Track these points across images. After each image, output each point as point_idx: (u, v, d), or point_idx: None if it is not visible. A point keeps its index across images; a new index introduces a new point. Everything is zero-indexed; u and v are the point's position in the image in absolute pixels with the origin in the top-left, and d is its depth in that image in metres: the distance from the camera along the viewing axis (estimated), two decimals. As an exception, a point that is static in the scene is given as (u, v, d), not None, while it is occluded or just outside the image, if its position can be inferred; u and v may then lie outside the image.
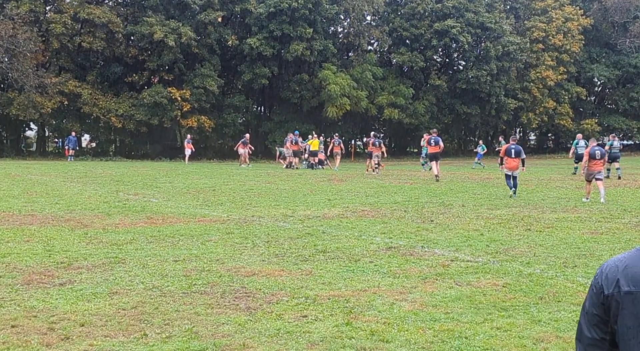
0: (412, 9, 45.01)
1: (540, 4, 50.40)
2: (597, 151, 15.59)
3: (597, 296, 1.95)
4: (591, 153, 15.64)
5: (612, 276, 1.93)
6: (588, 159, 15.53)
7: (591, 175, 15.52)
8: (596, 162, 15.44)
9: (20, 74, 34.95)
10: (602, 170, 15.78)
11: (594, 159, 15.44)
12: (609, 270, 1.95)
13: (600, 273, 1.98)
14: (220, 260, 7.80)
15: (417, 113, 44.51)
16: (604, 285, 1.93)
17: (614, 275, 1.92)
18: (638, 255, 1.91)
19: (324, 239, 9.35)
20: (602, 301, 1.93)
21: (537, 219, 11.65)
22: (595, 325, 1.96)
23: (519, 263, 7.70)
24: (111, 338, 4.90)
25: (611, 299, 1.91)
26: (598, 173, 15.50)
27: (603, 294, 1.93)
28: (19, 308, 5.68)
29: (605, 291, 1.93)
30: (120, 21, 38.21)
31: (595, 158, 15.42)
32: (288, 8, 38.75)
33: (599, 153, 15.54)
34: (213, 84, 39.00)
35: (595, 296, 1.96)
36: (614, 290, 1.90)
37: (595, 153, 15.53)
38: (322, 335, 4.97)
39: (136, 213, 12.14)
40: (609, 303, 1.92)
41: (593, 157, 15.48)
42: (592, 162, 15.48)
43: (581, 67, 52.29)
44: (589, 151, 15.80)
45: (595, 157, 15.43)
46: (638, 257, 1.91)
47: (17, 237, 9.39)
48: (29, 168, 27.09)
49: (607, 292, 1.92)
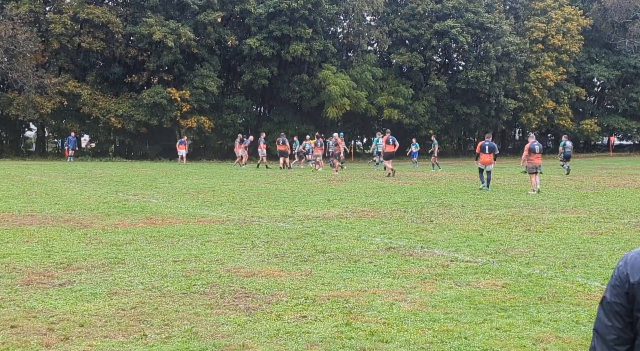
0: (411, 9, 45.02)
1: (540, 4, 50.42)
2: (537, 146, 17.34)
3: (622, 286, 2.00)
4: (531, 148, 17.20)
5: (638, 266, 1.97)
6: (528, 153, 17.07)
7: (533, 167, 17.02)
8: (537, 156, 17.15)
9: (20, 74, 34.95)
10: (541, 164, 17.45)
11: (534, 153, 17.12)
12: (634, 260, 2.00)
13: (625, 264, 2.02)
14: (219, 260, 7.80)
15: (417, 114, 44.51)
16: (630, 274, 1.98)
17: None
18: None
19: (324, 239, 9.35)
20: (627, 290, 1.98)
21: (537, 219, 11.65)
22: (617, 314, 2.00)
23: (519, 263, 7.70)
24: (110, 339, 4.90)
25: (637, 287, 1.96)
26: (539, 166, 17.20)
27: (629, 282, 1.98)
28: (19, 308, 5.68)
29: (631, 279, 1.98)
30: (120, 21, 38.20)
31: (535, 152, 17.15)
32: (287, 8, 38.75)
33: (538, 148, 17.31)
34: (213, 85, 39.00)
35: (620, 285, 2.01)
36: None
37: (535, 148, 17.23)
38: (321, 336, 4.97)
39: (135, 214, 12.14)
40: (634, 292, 1.97)
41: (533, 151, 17.13)
42: (533, 155, 17.10)
43: (581, 67, 52.30)
44: (529, 146, 17.26)
45: (535, 151, 17.17)
46: None
47: (16, 238, 9.39)
48: (28, 168, 27.09)
49: (632, 280, 1.97)
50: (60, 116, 39.37)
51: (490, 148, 18.00)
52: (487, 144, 18.14)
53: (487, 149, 17.95)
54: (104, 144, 42.53)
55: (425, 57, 45.68)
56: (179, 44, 37.55)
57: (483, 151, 18.08)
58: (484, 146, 18.17)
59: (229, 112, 41.81)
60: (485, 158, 17.89)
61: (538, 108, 49.92)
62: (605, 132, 55.65)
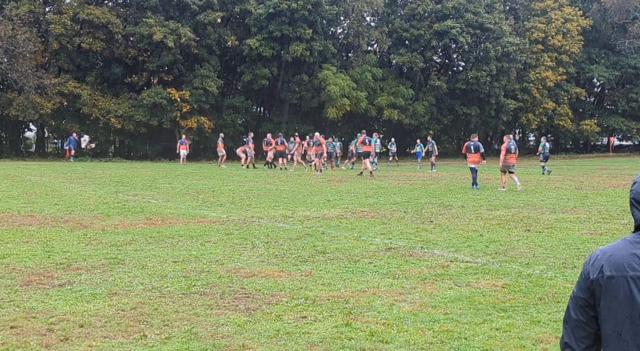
0: (411, 9, 45.03)
1: (540, 4, 50.44)
2: (512, 146, 18.12)
3: (585, 282, 2.14)
4: (507, 147, 17.99)
5: (598, 263, 2.11)
6: (505, 153, 17.90)
7: (507, 166, 17.91)
8: (511, 155, 17.98)
9: (20, 75, 34.95)
10: (515, 163, 18.27)
11: (510, 153, 17.96)
12: (595, 257, 2.14)
13: (588, 261, 2.17)
14: (219, 261, 7.79)
15: (417, 114, 44.52)
16: (590, 271, 2.13)
17: (599, 262, 2.11)
18: (622, 244, 2.10)
19: (324, 240, 9.35)
20: (588, 285, 2.12)
21: (537, 220, 11.65)
22: (581, 308, 2.15)
23: (519, 264, 7.70)
24: (110, 339, 4.89)
25: (595, 283, 2.10)
26: (513, 166, 18.01)
27: (589, 279, 2.12)
28: (18, 309, 5.68)
29: (591, 276, 2.12)
30: (120, 22, 38.21)
31: (510, 152, 17.98)
32: (287, 9, 38.76)
33: (513, 148, 18.11)
34: (212, 85, 39.00)
35: (583, 281, 2.15)
36: (598, 275, 2.09)
37: (511, 148, 18.02)
38: (321, 336, 4.97)
39: (135, 214, 12.14)
40: (593, 288, 2.11)
41: (509, 151, 17.97)
42: (509, 155, 17.92)
43: (580, 67, 52.32)
44: (505, 146, 18.03)
45: (511, 151, 17.99)
46: (621, 246, 2.09)
47: (16, 238, 9.38)
48: (28, 169, 27.09)
49: (592, 277, 2.11)
50: (60, 116, 39.38)
51: (475, 147, 18.72)
52: (472, 144, 18.86)
53: (473, 149, 18.74)
54: (104, 145, 42.54)
55: (425, 57, 45.69)
56: (179, 45, 37.57)
57: (469, 151, 18.88)
58: (469, 146, 18.94)
59: (229, 112, 41.82)
60: (472, 157, 18.66)
61: (538, 108, 49.95)
62: (605, 132, 55.68)
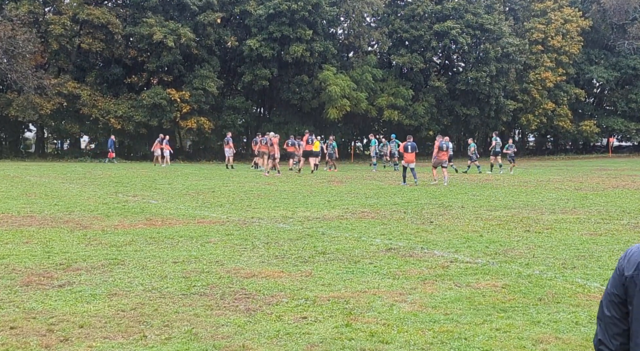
0: (411, 10, 45.04)
1: (540, 5, 50.45)
2: (444, 145, 20.63)
3: (619, 278, 2.12)
4: (441, 146, 20.37)
5: (634, 260, 2.09)
6: (437, 151, 20.23)
7: (439, 163, 20.31)
8: (443, 153, 20.40)
9: (20, 75, 34.94)
10: (446, 160, 20.70)
11: (442, 151, 20.37)
12: (632, 254, 2.12)
13: (624, 257, 2.15)
14: (219, 261, 7.79)
15: (417, 115, 44.53)
16: (625, 268, 2.11)
17: (636, 259, 2.09)
18: None
19: (324, 240, 9.35)
20: (623, 282, 2.10)
21: (536, 220, 11.65)
22: (614, 304, 2.13)
23: (518, 264, 7.70)
24: (110, 340, 4.89)
25: (630, 281, 2.08)
26: (444, 162, 20.43)
27: (624, 275, 2.10)
28: (18, 309, 5.67)
29: (626, 272, 2.10)
30: (120, 22, 38.21)
31: (442, 150, 20.33)
32: (288, 10, 38.77)
33: (445, 146, 20.63)
34: (212, 85, 39.00)
35: (618, 277, 2.13)
36: (634, 272, 2.07)
37: (443, 146, 20.45)
38: (321, 337, 4.97)
39: (135, 215, 12.14)
40: (627, 284, 2.09)
41: (441, 149, 20.37)
42: (441, 153, 20.27)
43: (580, 68, 52.32)
44: (438, 145, 20.41)
45: (443, 149, 20.39)
46: None
47: (16, 238, 9.38)
48: (27, 169, 27.08)
49: (627, 274, 2.09)
50: (59, 117, 39.37)
51: (412, 148, 20.38)
52: (408, 145, 20.43)
53: (410, 149, 20.33)
54: (104, 145, 42.51)
55: (425, 58, 45.70)
56: (178, 45, 37.56)
57: (406, 151, 20.45)
58: (406, 146, 20.48)
59: (229, 113, 41.82)
60: (408, 157, 20.27)
61: (537, 109, 49.95)
62: (604, 133, 55.66)
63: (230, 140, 31.44)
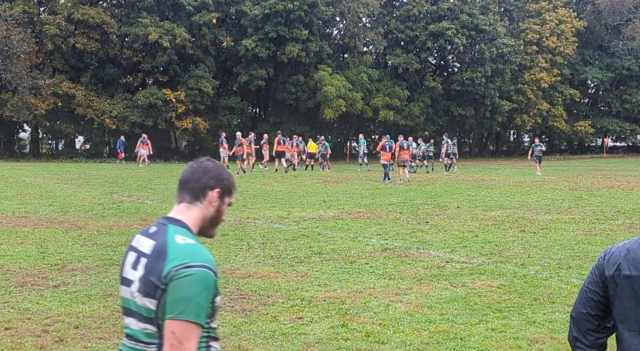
0: (407, 11, 45.11)
1: (534, 6, 50.59)
2: (405, 143, 21.84)
3: (598, 277, 2.13)
4: (401, 145, 21.58)
5: (614, 260, 2.09)
6: (399, 150, 21.42)
7: (403, 161, 21.60)
8: (405, 151, 21.64)
9: (14, 75, 34.80)
10: (408, 158, 22.22)
11: (403, 149, 21.56)
12: (611, 254, 2.13)
13: (603, 257, 2.15)
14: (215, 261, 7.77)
15: (413, 115, 44.59)
16: (606, 267, 2.11)
17: (616, 259, 2.09)
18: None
19: (320, 241, 9.35)
20: (603, 281, 2.11)
21: (532, 221, 11.68)
22: (591, 301, 2.15)
23: (514, 264, 7.72)
24: (105, 340, 4.88)
25: (611, 280, 2.08)
26: (406, 160, 21.80)
27: (603, 275, 2.11)
28: (13, 310, 5.65)
29: (606, 272, 2.10)
30: (115, 22, 38.10)
31: (403, 148, 21.61)
32: (283, 10, 38.75)
33: (406, 145, 21.86)
34: (208, 86, 38.94)
35: (596, 276, 2.14)
36: (615, 272, 2.07)
37: (404, 145, 21.70)
38: (317, 337, 4.97)
39: (130, 215, 12.11)
40: (607, 284, 2.10)
41: (402, 148, 21.54)
42: (402, 151, 21.53)
43: (575, 69, 52.49)
44: (399, 144, 21.53)
45: (404, 148, 21.65)
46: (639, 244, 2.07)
47: (10, 239, 9.34)
48: (22, 169, 26.97)
49: (607, 274, 2.10)
50: (54, 117, 39.23)
51: (390, 147, 21.79)
52: (387, 144, 21.80)
53: (388, 148, 21.68)
54: (99, 145, 42.38)
55: (421, 58, 45.76)
56: (174, 45, 37.49)
57: (384, 150, 21.72)
58: (384, 146, 21.82)
59: (225, 113, 41.77)
60: (386, 156, 21.57)
61: (532, 109, 50.07)
62: (599, 133, 55.86)
63: (224, 140, 31.32)
